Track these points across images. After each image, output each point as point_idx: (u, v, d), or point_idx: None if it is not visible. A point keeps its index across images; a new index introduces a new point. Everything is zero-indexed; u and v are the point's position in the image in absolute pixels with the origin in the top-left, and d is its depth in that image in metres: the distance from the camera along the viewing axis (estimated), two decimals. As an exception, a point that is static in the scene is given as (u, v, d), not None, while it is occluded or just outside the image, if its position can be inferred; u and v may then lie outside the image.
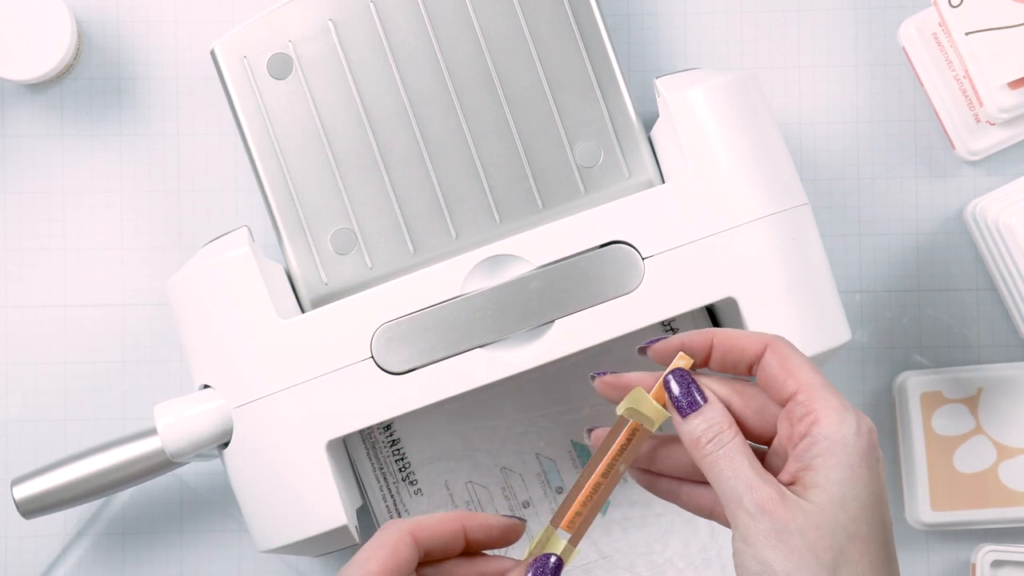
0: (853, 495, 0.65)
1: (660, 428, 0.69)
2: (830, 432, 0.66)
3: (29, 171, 0.91)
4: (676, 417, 0.68)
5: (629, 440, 0.69)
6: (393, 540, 0.68)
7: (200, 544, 0.91)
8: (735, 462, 0.66)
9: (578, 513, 0.69)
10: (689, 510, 0.72)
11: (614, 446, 0.69)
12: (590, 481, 0.69)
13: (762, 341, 0.69)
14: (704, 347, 0.70)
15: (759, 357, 0.69)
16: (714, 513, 0.71)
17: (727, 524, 0.68)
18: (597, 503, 0.69)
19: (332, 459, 0.79)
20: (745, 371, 0.70)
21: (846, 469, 0.66)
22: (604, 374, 0.71)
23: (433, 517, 0.69)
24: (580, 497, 0.69)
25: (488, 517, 0.70)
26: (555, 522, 0.69)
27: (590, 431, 0.72)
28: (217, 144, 0.91)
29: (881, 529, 0.66)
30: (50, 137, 0.91)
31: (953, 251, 0.92)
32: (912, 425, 0.89)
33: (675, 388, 0.69)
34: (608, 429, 0.70)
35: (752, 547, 0.65)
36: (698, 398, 0.68)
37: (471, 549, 0.70)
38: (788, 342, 0.69)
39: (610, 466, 0.69)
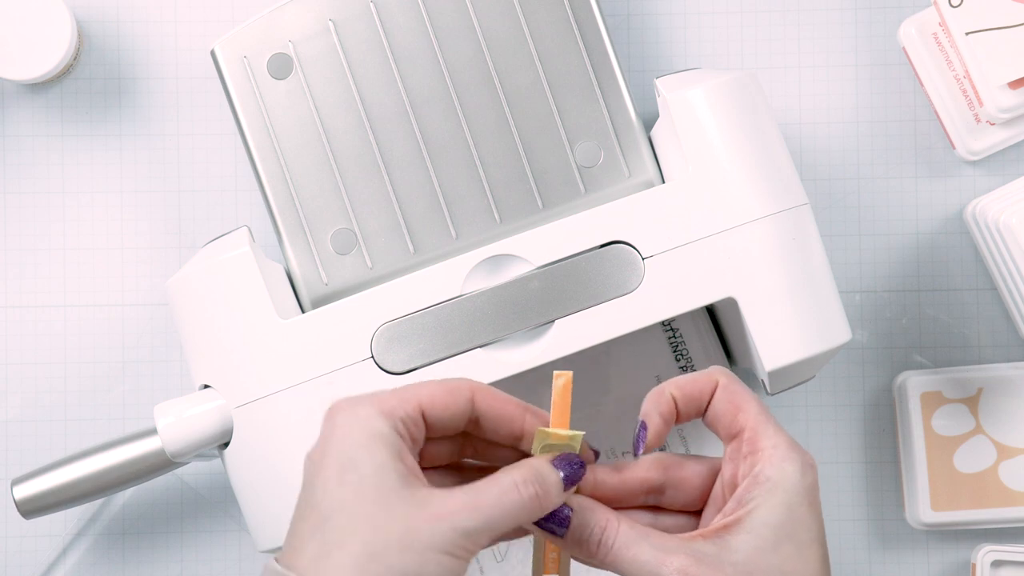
0: (788, 536, 0.65)
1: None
2: (772, 472, 0.65)
3: (29, 171, 0.91)
4: (557, 540, 0.66)
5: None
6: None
7: (200, 544, 0.91)
8: (633, 549, 0.65)
9: (552, 552, 0.67)
10: None
11: None
12: None
13: (711, 378, 0.68)
14: (670, 411, 0.68)
15: (712, 394, 0.68)
16: None
17: None
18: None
19: (332, 459, 0.79)
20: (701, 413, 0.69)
21: (784, 510, 0.65)
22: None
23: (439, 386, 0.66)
24: (548, 541, 0.67)
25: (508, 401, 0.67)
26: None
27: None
28: (217, 144, 0.91)
29: (819, 565, 0.66)
30: (50, 137, 0.91)
31: (953, 251, 0.92)
32: (912, 425, 0.89)
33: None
34: None
35: None
36: (564, 511, 0.66)
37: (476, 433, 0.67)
38: (730, 373, 0.68)
39: None
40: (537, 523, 0.66)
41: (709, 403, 0.68)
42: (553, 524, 0.66)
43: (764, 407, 0.68)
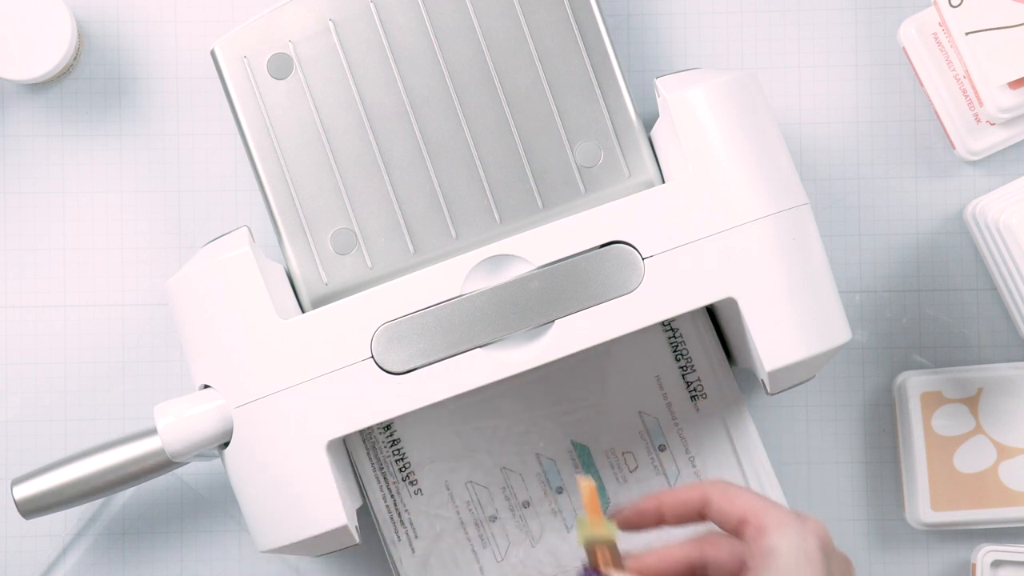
0: None
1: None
2: (775, 543, 0.69)
3: (29, 171, 0.91)
4: None
5: (605, 558, 0.72)
6: None
7: (200, 544, 0.91)
8: None
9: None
10: None
11: (601, 568, 0.72)
12: None
13: (700, 486, 0.73)
14: (655, 513, 0.74)
15: (705, 500, 0.73)
16: None
17: None
18: None
19: (332, 459, 0.79)
20: (699, 518, 0.74)
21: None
22: None
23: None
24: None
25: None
26: None
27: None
28: (217, 144, 0.91)
29: None
30: (50, 137, 0.91)
31: (953, 251, 0.92)
32: (912, 425, 0.89)
33: None
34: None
35: None
36: None
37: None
38: (723, 480, 0.73)
39: None
40: None
41: (705, 509, 0.73)
42: None
43: (758, 494, 0.72)
